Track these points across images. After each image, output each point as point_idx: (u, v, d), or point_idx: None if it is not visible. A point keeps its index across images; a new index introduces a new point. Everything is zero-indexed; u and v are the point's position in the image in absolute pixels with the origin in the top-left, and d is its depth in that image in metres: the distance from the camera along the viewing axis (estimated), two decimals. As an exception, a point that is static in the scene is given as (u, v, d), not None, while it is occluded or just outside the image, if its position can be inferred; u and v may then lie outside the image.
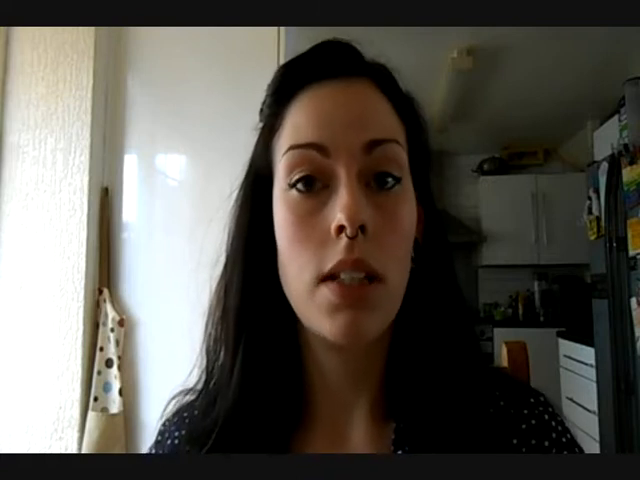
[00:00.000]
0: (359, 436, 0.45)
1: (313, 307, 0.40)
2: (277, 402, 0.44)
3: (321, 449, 0.45)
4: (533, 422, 0.43)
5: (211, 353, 0.47)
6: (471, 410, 0.42)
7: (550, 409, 0.45)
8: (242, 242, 0.46)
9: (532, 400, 0.45)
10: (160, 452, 0.49)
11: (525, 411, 0.44)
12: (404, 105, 0.46)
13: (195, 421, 0.47)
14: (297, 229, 0.40)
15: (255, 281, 0.45)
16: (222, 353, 0.46)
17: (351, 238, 0.38)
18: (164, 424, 0.50)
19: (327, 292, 0.39)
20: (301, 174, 0.40)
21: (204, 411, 0.46)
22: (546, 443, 0.43)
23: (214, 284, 0.48)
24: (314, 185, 0.41)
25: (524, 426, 0.43)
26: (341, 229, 0.38)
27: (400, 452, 0.42)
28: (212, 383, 0.47)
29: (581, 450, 0.44)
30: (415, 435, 0.42)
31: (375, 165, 0.41)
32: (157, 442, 0.50)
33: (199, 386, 0.49)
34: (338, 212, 0.38)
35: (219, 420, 0.44)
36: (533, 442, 0.43)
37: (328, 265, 0.38)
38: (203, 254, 0.57)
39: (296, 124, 0.42)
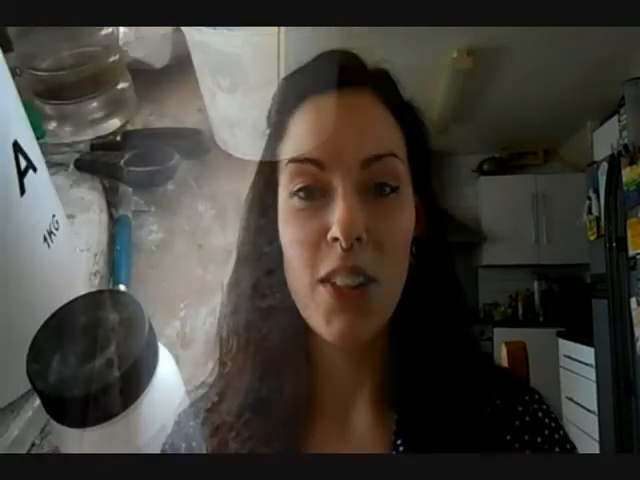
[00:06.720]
0: (362, 423, 0.47)
1: (312, 307, 0.43)
2: (288, 389, 0.46)
3: (328, 434, 0.47)
4: (527, 419, 0.45)
5: (224, 343, 0.49)
6: (467, 406, 0.44)
7: (544, 406, 0.46)
8: (252, 238, 0.49)
9: (527, 398, 0.46)
10: (175, 441, 0.51)
11: (520, 408, 0.45)
12: (404, 113, 0.48)
13: (209, 407, 0.49)
14: (297, 232, 0.43)
15: (265, 274, 0.47)
16: (235, 344, 0.48)
17: (346, 250, 0.40)
18: (179, 415, 0.53)
19: (325, 293, 0.41)
20: (301, 185, 0.43)
21: (219, 396, 0.48)
22: (539, 439, 0.44)
23: (225, 279, 0.50)
24: (314, 194, 0.43)
25: (518, 423, 0.45)
26: (336, 240, 0.40)
27: (400, 441, 0.44)
28: (225, 372, 0.50)
29: (573, 447, 0.45)
30: (413, 429, 0.44)
31: (372, 177, 0.43)
32: (173, 432, 0.52)
33: (211, 378, 0.51)
34: (334, 224, 0.40)
35: (233, 405, 0.46)
36: (526, 438, 0.44)
37: (323, 271, 0.41)
38: (205, 255, 0.58)
39: (297, 136, 0.45)
